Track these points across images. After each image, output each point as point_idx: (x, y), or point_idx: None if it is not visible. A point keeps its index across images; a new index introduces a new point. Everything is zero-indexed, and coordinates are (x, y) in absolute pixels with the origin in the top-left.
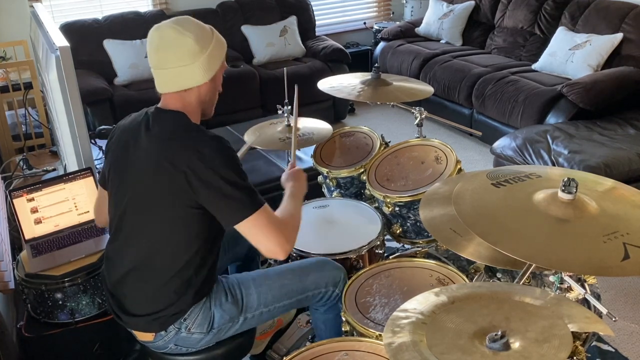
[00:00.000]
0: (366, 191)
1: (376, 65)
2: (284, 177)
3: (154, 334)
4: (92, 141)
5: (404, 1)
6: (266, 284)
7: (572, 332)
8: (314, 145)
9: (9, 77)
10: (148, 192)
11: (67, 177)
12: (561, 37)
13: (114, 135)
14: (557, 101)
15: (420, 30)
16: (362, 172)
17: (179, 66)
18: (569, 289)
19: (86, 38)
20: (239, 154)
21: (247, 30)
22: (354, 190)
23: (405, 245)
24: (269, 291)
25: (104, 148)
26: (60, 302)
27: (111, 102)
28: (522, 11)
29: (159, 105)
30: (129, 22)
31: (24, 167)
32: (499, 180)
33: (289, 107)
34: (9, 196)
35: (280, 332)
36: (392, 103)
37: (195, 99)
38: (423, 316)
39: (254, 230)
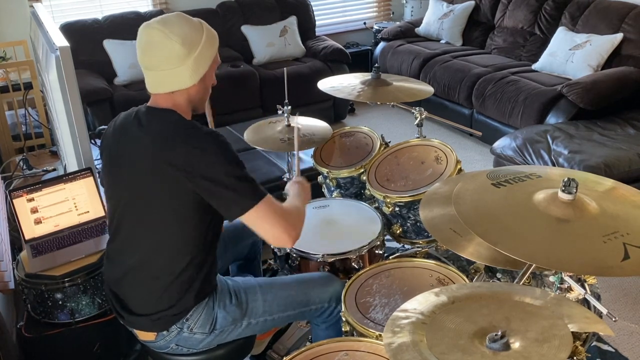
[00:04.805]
0: (366, 191)
1: (376, 65)
2: (288, 184)
3: (155, 333)
4: (92, 141)
5: (404, 1)
6: (272, 292)
7: (572, 332)
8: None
9: (9, 77)
10: (145, 193)
11: (67, 177)
12: (561, 37)
13: (107, 136)
14: (557, 101)
15: (420, 30)
16: (362, 172)
17: (166, 69)
18: (569, 289)
19: (86, 38)
20: None
21: (247, 30)
22: (354, 190)
23: (405, 245)
24: (274, 300)
25: None
26: (60, 302)
27: (111, 102)
28: (522, 11)
29: (149, 103)
30: (129, 22)
31: (24, 167)
32: (499, 180)
33: (289, 107)
34: (9, 196)
35: (280, 332)
36: (392, 103)
37: (185, 100)
38: (423, 316)
39: (260, 220)
